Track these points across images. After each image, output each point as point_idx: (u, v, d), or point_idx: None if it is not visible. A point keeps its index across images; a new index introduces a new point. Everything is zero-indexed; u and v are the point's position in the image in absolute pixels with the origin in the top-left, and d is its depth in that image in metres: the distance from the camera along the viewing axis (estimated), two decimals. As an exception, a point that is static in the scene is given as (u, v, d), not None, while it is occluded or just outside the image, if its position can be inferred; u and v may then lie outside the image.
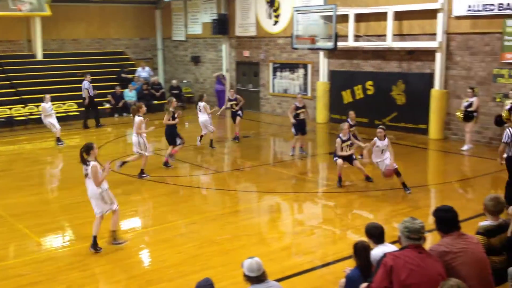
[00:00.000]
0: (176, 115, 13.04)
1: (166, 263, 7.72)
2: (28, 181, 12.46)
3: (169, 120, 12.95)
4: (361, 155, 11.94)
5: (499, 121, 12.75)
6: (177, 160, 13.74)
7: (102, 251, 7.92)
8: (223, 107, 17.96)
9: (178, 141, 13.26)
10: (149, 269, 7.70)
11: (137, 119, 11.99)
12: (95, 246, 7.93)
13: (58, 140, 16.49)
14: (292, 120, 13.94)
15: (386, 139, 10.89)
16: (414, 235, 4.50)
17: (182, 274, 7.35)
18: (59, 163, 15.07)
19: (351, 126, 12.16)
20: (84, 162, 7.82)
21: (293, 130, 14.16)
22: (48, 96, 16.90)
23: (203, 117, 15.08)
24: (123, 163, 12.12)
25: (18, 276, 7.41)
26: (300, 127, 14.08)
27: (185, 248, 8.28)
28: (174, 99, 13.81)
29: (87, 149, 7.89)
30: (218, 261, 7.72)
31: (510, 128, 9.51)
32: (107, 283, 7.33)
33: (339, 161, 11.17)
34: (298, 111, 14.01)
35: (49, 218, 9.73)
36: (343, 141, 11.11)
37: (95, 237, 7.95)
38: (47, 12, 21.84)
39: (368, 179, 11.40)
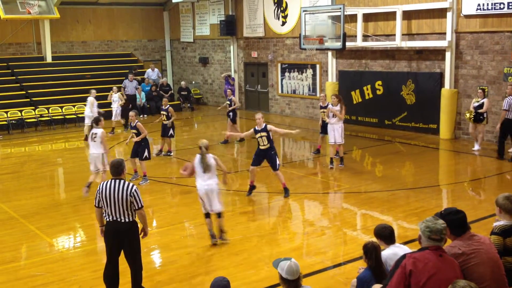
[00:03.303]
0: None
1: (177, 264, 7.73)
2: (38, 183, 12.53)
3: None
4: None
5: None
6: (186, 161, 13.76)
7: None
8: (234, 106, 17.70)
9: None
10: (160, 270, 7.71)
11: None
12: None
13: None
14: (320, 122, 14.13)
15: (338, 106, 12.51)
16: (436, 236, 4.40)
17: (193, 274, 7.35)
18: (69, 165, 15.13)
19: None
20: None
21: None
22: (93, 91, 17.75)
23: None
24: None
25: (30, 277, 7.45)
26: (323, 127, 13.76)
27: (195, 249, 8.28)
28: (165, 99, 15.07)
29: (96, 121, 10.80)
30: (228, 262, 7.72)
31: (509, 97, 12.68)
32: (118, 284, 7.34)
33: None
34: (321, 111, 13.90)
35: (60, 219, 9.78)
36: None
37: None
38: (56, 15, 21.97)
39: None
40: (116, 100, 18.62)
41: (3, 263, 7.87)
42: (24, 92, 21.42)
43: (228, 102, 16.27)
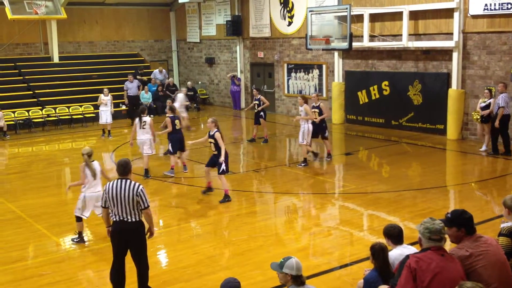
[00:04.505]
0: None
1: (183, 263, 7.74)
2: (46, 182, 12.59)
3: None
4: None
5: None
6: (193, 161, 13.82)
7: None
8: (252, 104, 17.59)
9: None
10: (166, 269, 7.73)
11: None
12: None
13: (108, 133, 17.92)
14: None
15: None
16: (436, 236, 4.44)
17: (199, 274, 7.36)
18: (76, 165, 15.17)
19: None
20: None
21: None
22: (106, 89, 18.11)
23: None
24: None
25: (37, 276, 7.48)
26: (313, 128, 13.38)
27: (201, 248, 8.29)
28: (169, 100, 15.02)
29: (143, 110, 12.44)
30: (235, 262, 7.73)
31: (503, 94, 13.24)
32: (124, 284, 7.36)
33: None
34: (312, 111, 13.63)
35: (67, 218, 9.78)
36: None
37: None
38: (63, 15, 22.03)
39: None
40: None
41: (11, 262, 7.91)
42: (31, 92, 21.51)
43: (257, 102, 16.05)
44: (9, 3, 20.72)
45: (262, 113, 15.92)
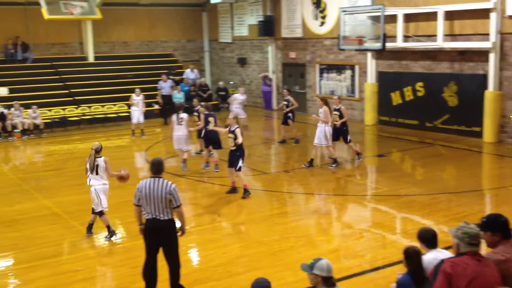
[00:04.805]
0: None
1: (214, 262, 7.78)
2: (81, 180, 12.71)
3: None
4: None
5: None
6: (224, 161, 13.86)
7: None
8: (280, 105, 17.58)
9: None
10: (197, 268, 7.78)
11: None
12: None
13: (141, 132, 18.14)
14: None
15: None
16: (475, 241, 4.35)
17: (230, 274, 7.38)
18: (110, 163, 15.41)
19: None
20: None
21: None
22: (137, 89, 18.40)
23: None
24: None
25: (71, 271, 7.63)
26: (334, 132, 13.25)
27: (232, 248, 8.32)
28: (196, 99, 15.03)
29: (181, 107, 13.11)
30: (266, 262, 7.72)
31: None
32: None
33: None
34: (334, 113, 13.43)
35: (100, 215, 9.96)
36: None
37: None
38: (98, 16, 22.40)
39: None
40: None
41: (46, 258, 8.08)
42: (67, 91, 21.97)
43: (285, 103, 16.04)
44: (46, 4, 21.17)
45: (290, 114, 15.88)
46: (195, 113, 14.35)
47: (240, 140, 10.51)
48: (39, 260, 7.99)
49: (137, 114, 17.97)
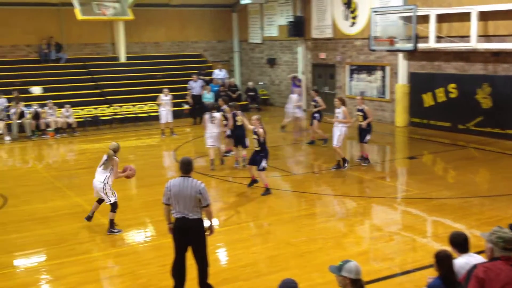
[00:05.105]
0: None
1: (242, 262, 7.80)
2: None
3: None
4: None
5: None
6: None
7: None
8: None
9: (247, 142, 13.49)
10: (225, 267, 7.81)
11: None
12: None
13: (171, 131, 18.41)
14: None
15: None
16: (509, 245, 4.27)
17: (258, 274, 7.39)
18: (140, 162, 15.61)
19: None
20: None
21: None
22: (166, 89, 18.62)
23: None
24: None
25: (101, 268, 7.75)
26: (359, 132, 13.24)
27: (260, 248, 8.32)
28: (221, 100, 14.90)
29: (213, 107, 13.66)
30: (294, 263, 7.70)
31: None
32: (185, 280, 7.50)
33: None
34: (357, 114, 13.37)
35: (131, 214, 10.11)
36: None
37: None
38: (130, 16, 22.69)
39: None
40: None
41: (77, 254, 8.23)
42: (99, 91, 22.34)
43: (314, 103, 16.06)
44: (79, 4, 21.56)
45: (317, 115, 15.81)
46: (221, 113, 14.43)
47: (262, 139, 10.93)
48: (71, 256, 8.14)
49: (165, 114, 18.19)
